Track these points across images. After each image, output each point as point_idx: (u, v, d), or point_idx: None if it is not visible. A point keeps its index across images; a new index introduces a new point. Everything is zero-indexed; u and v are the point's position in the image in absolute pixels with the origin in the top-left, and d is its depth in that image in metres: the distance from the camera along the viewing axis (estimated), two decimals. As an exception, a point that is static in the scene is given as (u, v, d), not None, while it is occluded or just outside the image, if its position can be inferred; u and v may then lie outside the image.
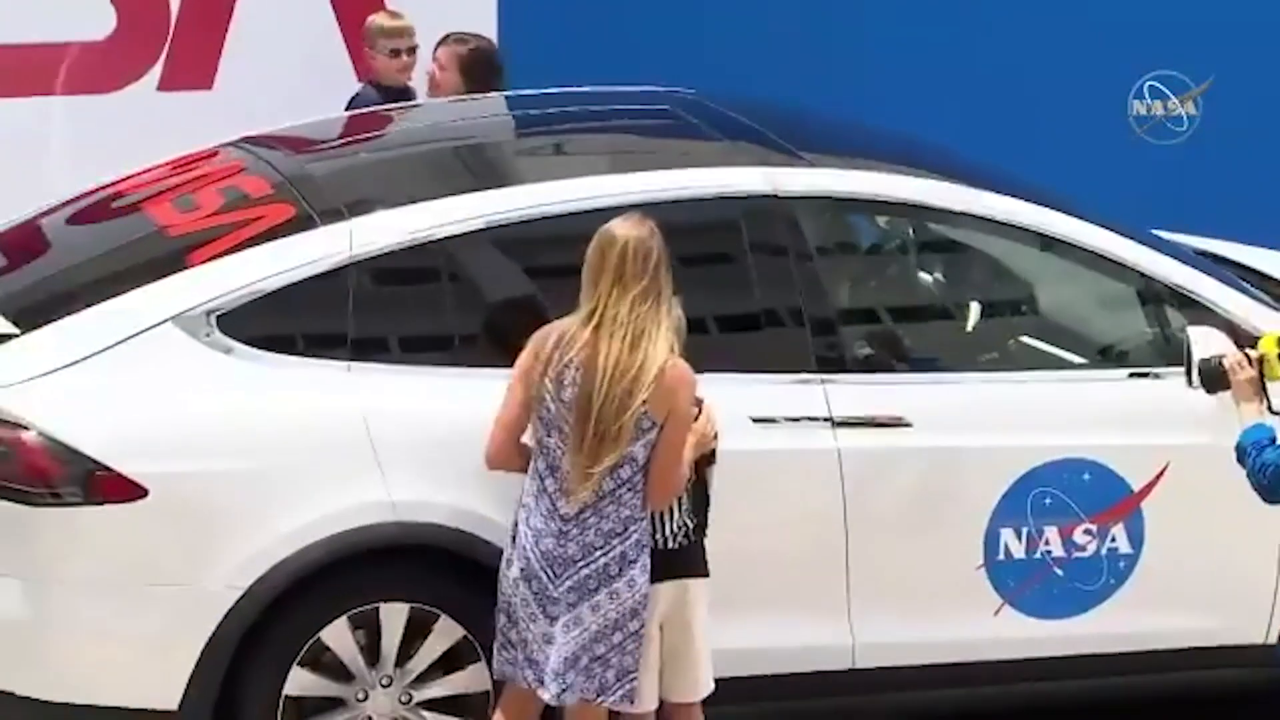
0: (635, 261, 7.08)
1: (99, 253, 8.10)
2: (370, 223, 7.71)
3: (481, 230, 7.76)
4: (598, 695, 7.15)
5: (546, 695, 7.17)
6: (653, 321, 7.08)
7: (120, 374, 7.36)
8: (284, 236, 7.68)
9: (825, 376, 7.79)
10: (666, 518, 7.27)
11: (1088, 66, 12.84)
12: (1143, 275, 8.31)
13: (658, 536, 7.27)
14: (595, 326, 7.06)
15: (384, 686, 7.42)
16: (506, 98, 9.58)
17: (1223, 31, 13.37)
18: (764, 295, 7.94)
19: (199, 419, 7.35)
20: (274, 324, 7.52)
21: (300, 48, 10.72)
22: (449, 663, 7.54)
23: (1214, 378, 7.52)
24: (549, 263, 7.70)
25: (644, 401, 7.02)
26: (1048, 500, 7.97)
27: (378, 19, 10.49)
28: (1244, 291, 8.47)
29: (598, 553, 7.12)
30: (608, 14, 11.68)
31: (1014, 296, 8.67)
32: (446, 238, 7.72)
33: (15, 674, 7.31)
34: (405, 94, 10.31)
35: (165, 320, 7.41)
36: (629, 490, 7.10)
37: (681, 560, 7.33)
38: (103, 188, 8.62)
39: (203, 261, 7.61)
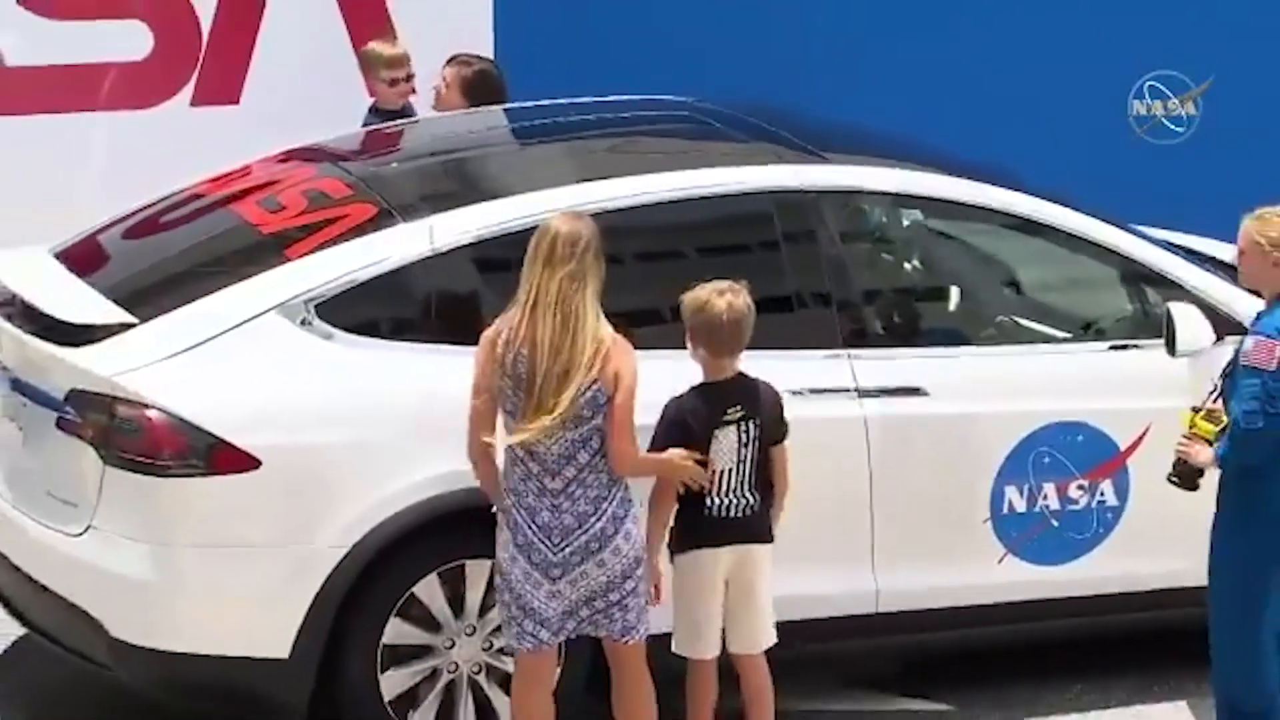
0: (564, 247, 7.22)
1: (200, 250, 8.36)
2: (447, 219, 8.02)
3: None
4: (622, 635, 7.37)
5: (558, 638, 7.33)
6: (580, 301, 7.21)
7: (232, 358, 7.66)
8: (371, 232, 7.99)
9: (851, 352, 8.15)
10: (726, 491, 7.54)
11: (1088, 67, 12.50)
12: (1124, 258, 8.68)
13: (719, 506, 7.54)
14: (531, 306, 7.20)
15: (468, 635, 7.74)
16: (541, 106, 9.48)
17: (1223, 31, 12.79)
18: (796, 280, 8.28)
19: (304, 398, 7.66)
20: (366, 311, 7.83)
21: (317, 65, 10.71)
22: (516, 607, 7.88)
23: (1188, 475, 7.71)
24: (607, 253, 7.69)
25: (593, 380, 7.16)
26: (1046, 459, 8.36)
27: (375, 48, 10.46)
28: (1212, 273, 8.79)
29: (591, 519, 7.29)
30: (598, 30, 11.45)
31: (1013, 278, 8.93)
32: (515, 232, 7.92)
33: (142, 628, 7.58)
34: (404, 114, 10.28)
35: (270, 309, 7.74)
36: (600, 458, 7.26)
37: (742, 528, 7.59)
38: (181, 192, 8.78)
39: (299, 256, 7.91)
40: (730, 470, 7.56)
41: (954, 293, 8.87)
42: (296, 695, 7.47)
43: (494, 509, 7.36)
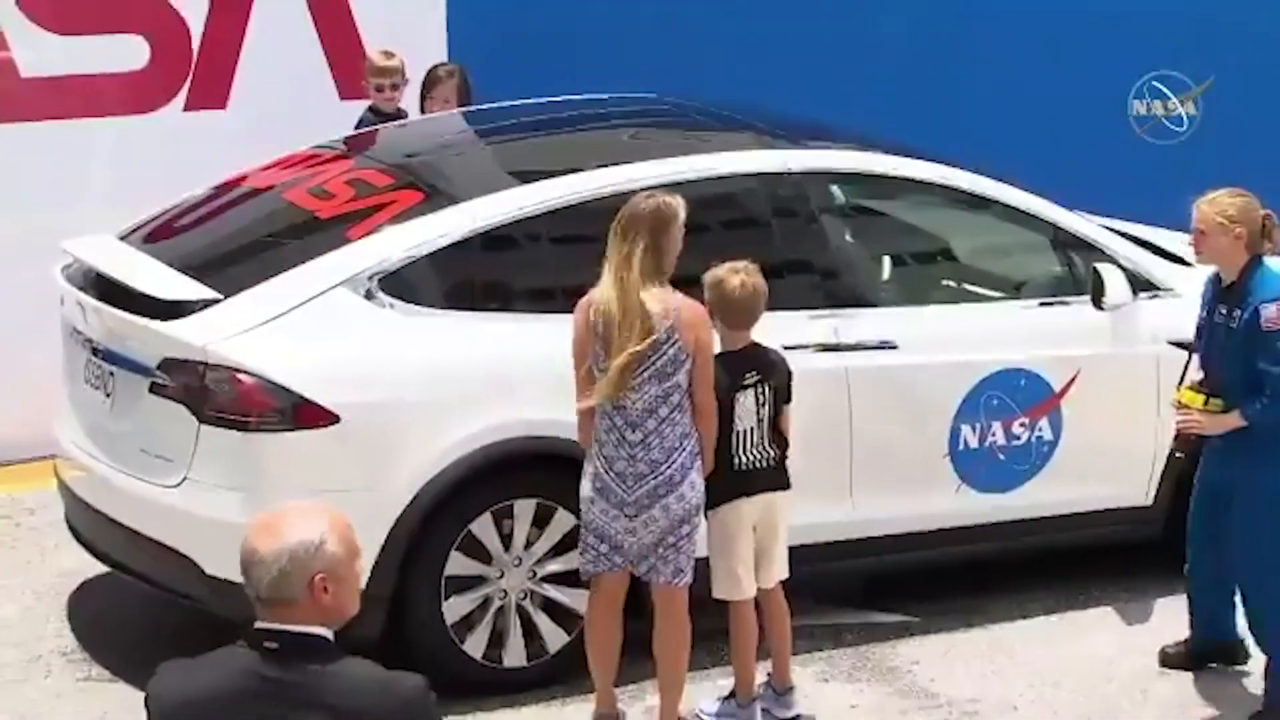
0: (639, 221, 7.39)
1: (263, 233, 8.58)
2: (486, 202, 8.26)
3: (574, 205, 8.28)
4: (674, 577, 7.54)
5: (638, 572, 7.55)
6: (652, 271, 7.35)
7: (308, 327, 7.88)
8: (422, 215, 8.21)
9: (833, 312, 8.43)
10: (749, 448, 7.70)
11: (1088, 67, 12.18)
12: (1054, 227, 9.01)
13: (744, 461, 7.71)
14: (612, 275, 7.37)
15: (516, 565, 7.98)
16: (537, 103, 9.60)
17: (1223, 31, 12.41)
18: (783, 250, 8.54)
19: (374, 360, 7.90)
20: (422, 284, 8.07)
21: (293, 71, 10.76)
22: (564, 545, 7.98)
23: (1190, 446, 7.96)
24: None
25: (673, 342, 7.32)
26: (994, 401, 8.68)
27: (371, 58, 10.56)
28: (1133, 241, 9.24)
29: (663, 466, 7.43)
30: (547, 33, 11.44)
31: (961, 245, 9.22)
32: (548, 211, 8.27)
33: (234, 565, 7.84)
34: (398, 116, 10.38)
35: (339, 284, 7.97)
36: (680, 413, 7.43)
37: (766, 479, 7.77)
38: (227, 184, 8.95)
39: (360, 237, 8.13)
40: (751, 429, 7.71)
41: (914, 258, 9.23)
42: (371, 624, 7.56)
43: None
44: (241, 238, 8.65)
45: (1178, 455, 8.03)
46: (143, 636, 8.56)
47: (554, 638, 8.07)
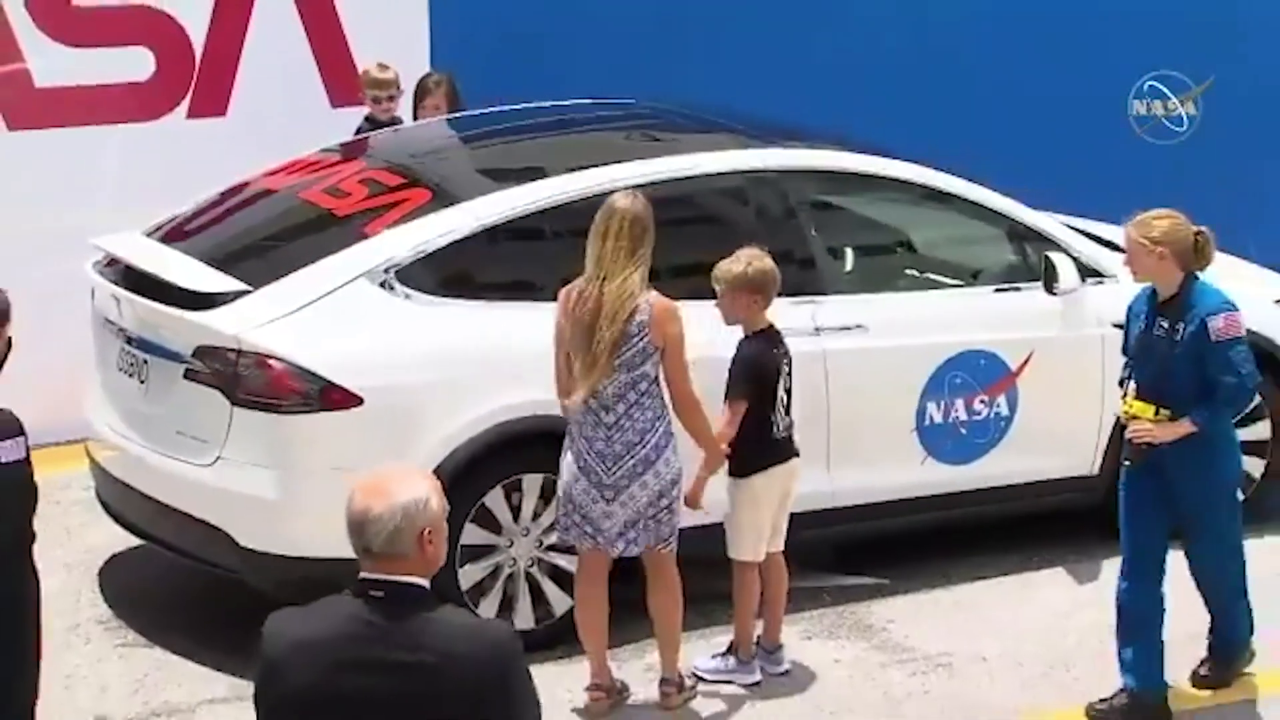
0: (617, 222, 7.43)
1: (285, 230, 8.70)
2: (491, 200, 8.40)
3: (570, 201, 8.37)
4: (659, 543, 7.64)
5: (615, 551, 7.63)
6: (630, 269, 7.40)
7: (332, 316, 8.01)
8: (432, 212, 8.32)
9: (811, 298, 8.56)
10: (782, 416, 7.87)
11: (1088, 67, 11.92)
12: (1009, 219, 9.15)
13: (781, 427, 7.86)
14: (593, 272, 7.45)
15: (524, 535, 8.12)
16: (528, 108, 9.64)
17: (1222, 31, 12.17)
18: (767, 241, 8.36)
19: (393, 346, 8.02)
20: (435, 275, 8.19)
21: (287, 80, 10.75)
22: (568, 515, 8.14)
23: (1140, 454, 7.60)
24: None
25: (643, 336, 7.39)
26: (958, 380, 8.83)
27: (369, 72, 10.57)
28: (1077, 233, 9.37)
29: (637, 447, 7.51)
30: (525, 40, 11.22)
31: (929, 236, 9.31)
32: (548, 208, 8.39)
33: (268, 538, 7.94)
34: (393, 124, 10.40)
35: (359, 276, 8.09)
36: (648, 398, 7.50)
37: (792, 445, 7.97)
38: (244, 185, 9.04)
39: (376, 233, 8.25)
40: (782, 398, 7.88)
41: (881, 249, 9.35)
42: None
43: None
44: (265, 234, 8.76)
45: (1128, 464, 7.74)
46: (170, 603, 8.73)
47: (559, 602, 8.18)
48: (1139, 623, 7.72)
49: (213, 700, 7.88)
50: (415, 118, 10.58)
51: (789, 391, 7.93)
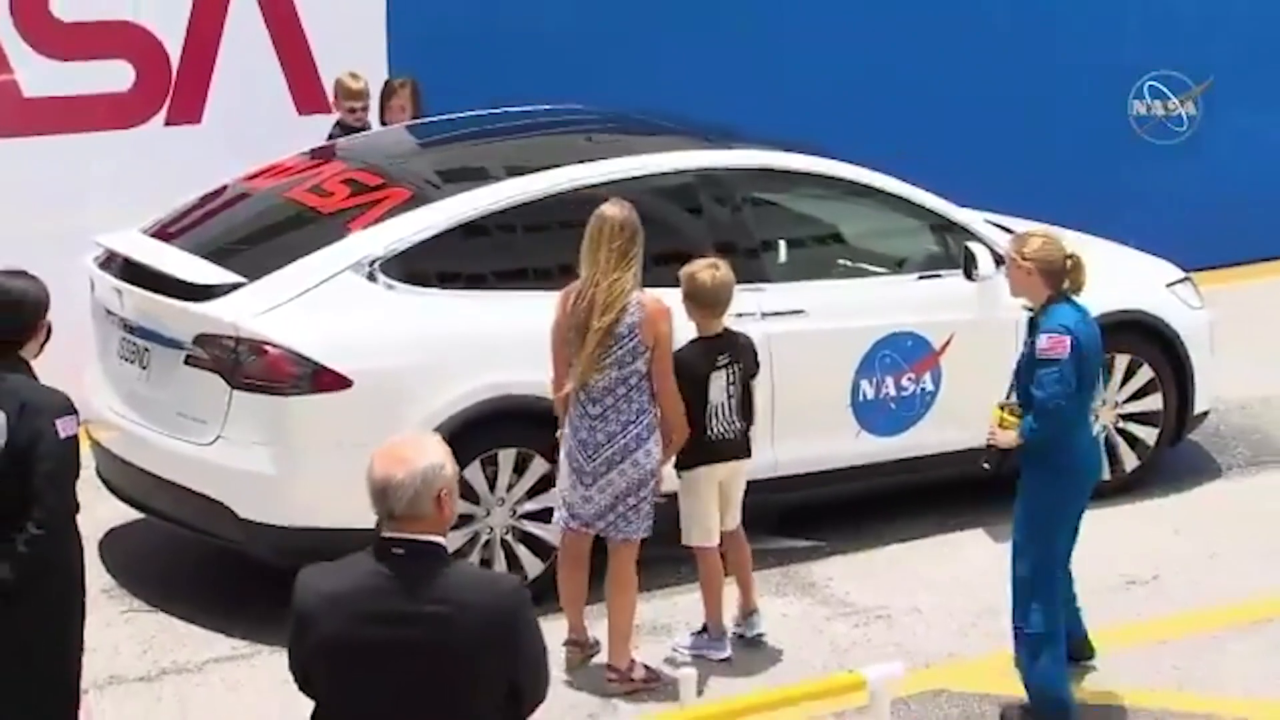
0: (610, 228, 7.49)
1: (274, 227, 8.75)
2: (466, 197, 8.50)
3: (537, 199, 8.52)
4: (631, 534, 7.65)
5: (597, 529, 7.67)
6: (623, 272, 7.46)
7: (322, 305, 8.11)
8: (410, 209, 8.41)
9: (756, 285, 8.67)
10: (720, 421, 7.79)
11: (1088, 66, 11.80)
12: (931, 213, 9.31)
13: (716, 432, 7.79)
14: (590, 274, 7.50)
15: (500, 505, 8.23)
16: (494, 113, 9.74)
17: (1223, 31, 11.99)
18: (715, 234, 8.80)
19: (379, 332, 8.13)
20: (416, 267, 8.29)
21: (257, 90, 10.85)
22: (539, 488, 8.24)
23: (995, 458, 7.56)
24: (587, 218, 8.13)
25: (634, 335, 7.44)
26: (887, 359, 9.00)
27: (344, 82, 10.64)
28: (992, 225, 9.50)
29: (618, 437, 7.57)
30: (475, 49, 11.32)
31: (861, 229, 9.45)
32: (520, 204, 8.50)
33: (265, 510, 8.03)
34: (363, 130, 10.46)
35: (345, 269, 8.19)
36: (636, 392, 7.54)
37: (731, 447, 7.89)
38: (233, 186, 9.11)
39: (360, 229, 8.34)
40: (722, 404, 7.81)
41: (818, 240, 9.46)
42: None
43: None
44: (256, 230, 8.83)
45: (985, 466, 7.62)
46: (169, 572, 8.82)
47: (532, 566, 8.32)
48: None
49: (217, 659, 7.98)
50: (382, 117, 10.67)
51: (735, 398, 7.87)
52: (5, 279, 6.29)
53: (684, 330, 7.85)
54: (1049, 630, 7.45)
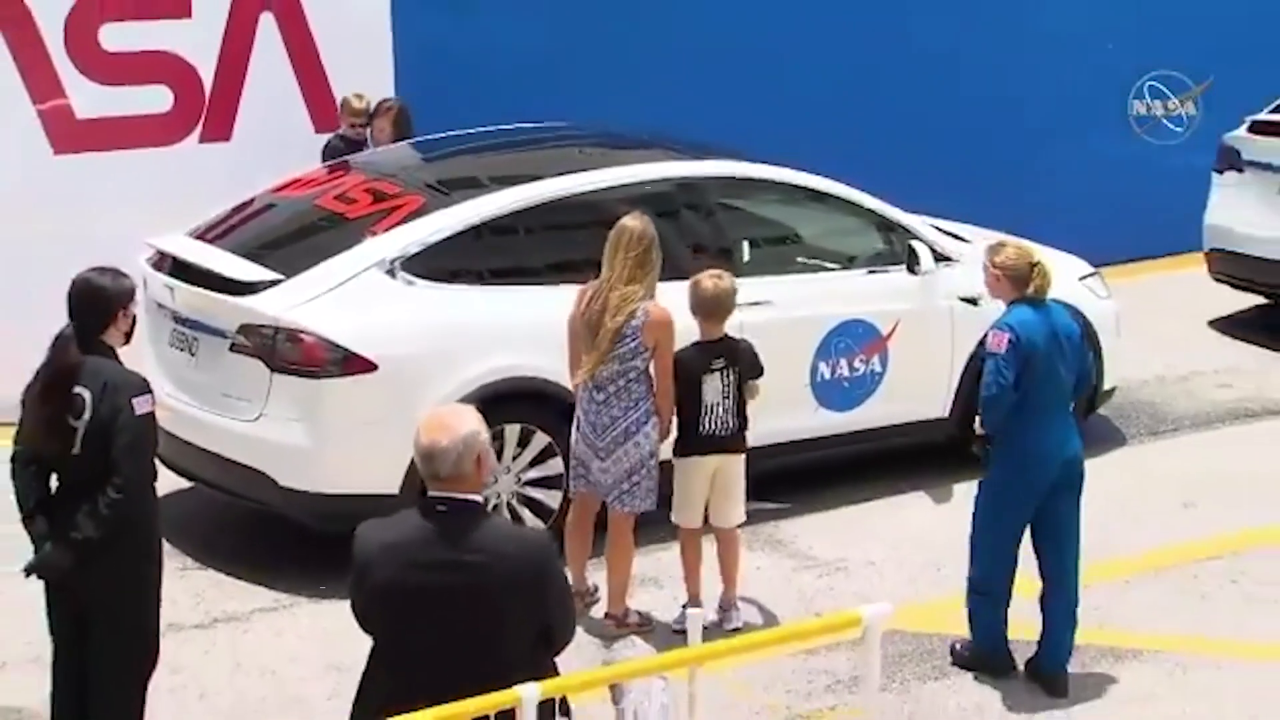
0: (629, 239, 7.52)
1: (305, 231, 8.80)
2: (476, 203, 8.55)
3: (540, 204, 8.56)
4: (626, 507, 7.67)
5: (607, 499, 7.69)
6: (637, 279, 7.47)
7: (351, 299, 8.15)
8: (425, 215, 8.45)
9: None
10: (714, 419, 7.67)
11: (1088, 66, 11.31)
12: (877, 214, 9.36)
13: (707, 429, 7.68)
14: (607, 278, 7.53)
15: (506, 474, 8.26)
16: (490, 131, 9.73)
17: (1223, 31, 11.38)
18: (691, 234, 8.88)
19: (401, 323, 8.17)
20: (433, 265, 8.31)
21: (279, 111, 10.80)
22: (540, 458, 8.31)
23: (981, 445, 7.39)
24: (586, 220, 8.33)
25: (635, 338, 7.44)
26: (842, 344, 9.04)
27: (349, 101, 10.68)
28: (935, 229, 9.60)
29: (620, 420, 7.59)
30: (471, 73, 11.22)
31: (817, 229, 9.46)
32: (522, 209, 8.55)
33: (303, 477, 8.09)
34: (361, 143, 10.60)
35: (370, 267, 8.24)
36: (635, 384, 7.56)
37: (722, 443, 7.75)
38: (266, 196, 9.15)
39: (383, 231, 8.39)
40: (716, 404, 7.70)
41: (780, 239, 9.43)
42: None
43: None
44: (290, 233, 8.87)
45: (975, 451, 7.49)
46: (217, 534, 8.85)
47: (535, 527, 8.26)
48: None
49: (262, 609, 8.05)
50: (370, 132, 10.65)
51: (731, 399, 7.75)
52: (93, 274, 6.37)
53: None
54: (990, 584, 7.46)
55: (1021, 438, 7.32)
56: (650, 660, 5.28)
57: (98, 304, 6.29)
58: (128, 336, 6.37)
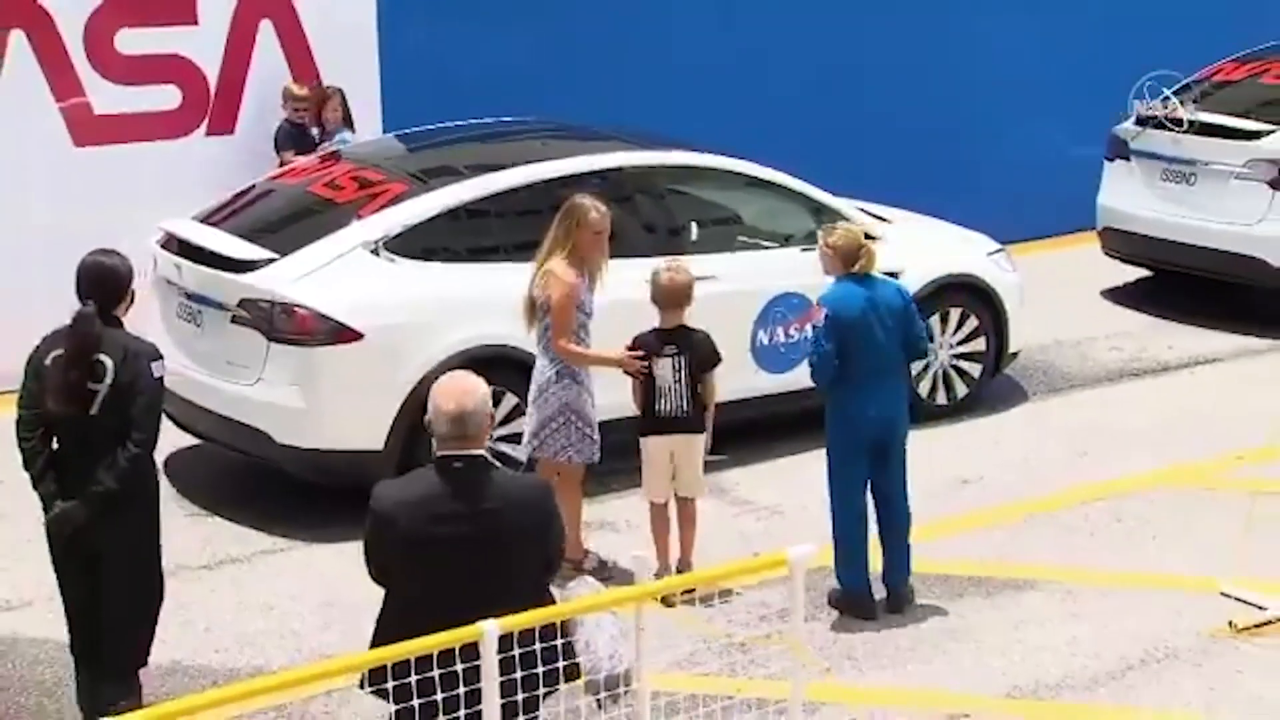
0: (560, 221, 7.43)
1: (299, 214, 8.62)
2: (454, 188, 8.42)
3: (508, 190, 8.44)
4: (555, 454, 7.46)
5: (530, 449, 7.43)
6: (556, 250, 7.34)
7: (339, 275, 8.04)
8: (407, 199, 8.32)
9: (676, 257, 8.19)
10: (668, 401, 7.41)
11: (1088, 67, 10.96)
12: (809, 198, 9.25)
13: (663, 410, 7.42)
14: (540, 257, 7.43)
15: None
16: (464, 125, 9.52)
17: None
18: (645, 216, 8.81)
19: (385, 296, 8.05)
20: (414, 245, 8.20)
21: (278, 106, 10.47)
22: (511, 417, 8.11)
23: None
24: (551, 204, 7.98)
25: (546, 296, 7.31)
26: (778, 314, 8.95)
27: (289, 88, 10.40)
28: (860, 210, 9.44)
29: (537, 376, 7.47)
30: (450, 72, 10.95)
31: (756, 211, 9.32)
32: (494, 194, 8.43)
33: (298, 435, 7.97)
34: (305, 129, 10.34)
35: (357, 246, 8.11)
36: (543, 348, 7.45)
37: (679, 424, 7.48)
38: (264, 183, 9.02)
39: (369, 214, 8.26)
40: (670, 386, 7.45)
41: (724, 220, 9.30)
42: (385, 472, 7.47)
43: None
44: (285, 217, 8.70)
45: None
46: (220, 485, 8.72)
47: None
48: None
49: (262, 552, 7.94)
50: (319, 116, 10.42)
51: (684, 383, 7.49)
52: (103, 256, 6.24)
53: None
54: (843, 535, 7.38)
55: (846, 401, 7.28)
56: (601, 596, 5.19)
57: (110, 282, 6.17)
58: (127, 310, 6.27)
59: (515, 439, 8.14)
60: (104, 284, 6.14)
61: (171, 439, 8.76)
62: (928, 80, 12.47)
